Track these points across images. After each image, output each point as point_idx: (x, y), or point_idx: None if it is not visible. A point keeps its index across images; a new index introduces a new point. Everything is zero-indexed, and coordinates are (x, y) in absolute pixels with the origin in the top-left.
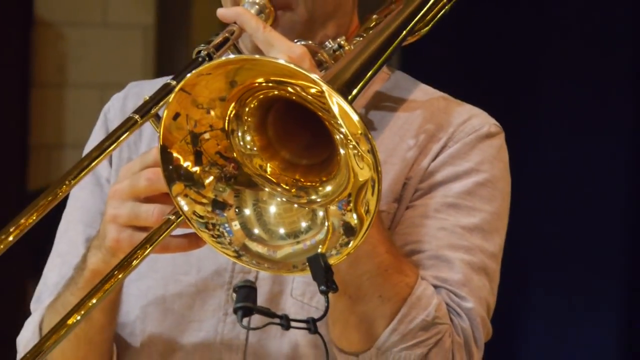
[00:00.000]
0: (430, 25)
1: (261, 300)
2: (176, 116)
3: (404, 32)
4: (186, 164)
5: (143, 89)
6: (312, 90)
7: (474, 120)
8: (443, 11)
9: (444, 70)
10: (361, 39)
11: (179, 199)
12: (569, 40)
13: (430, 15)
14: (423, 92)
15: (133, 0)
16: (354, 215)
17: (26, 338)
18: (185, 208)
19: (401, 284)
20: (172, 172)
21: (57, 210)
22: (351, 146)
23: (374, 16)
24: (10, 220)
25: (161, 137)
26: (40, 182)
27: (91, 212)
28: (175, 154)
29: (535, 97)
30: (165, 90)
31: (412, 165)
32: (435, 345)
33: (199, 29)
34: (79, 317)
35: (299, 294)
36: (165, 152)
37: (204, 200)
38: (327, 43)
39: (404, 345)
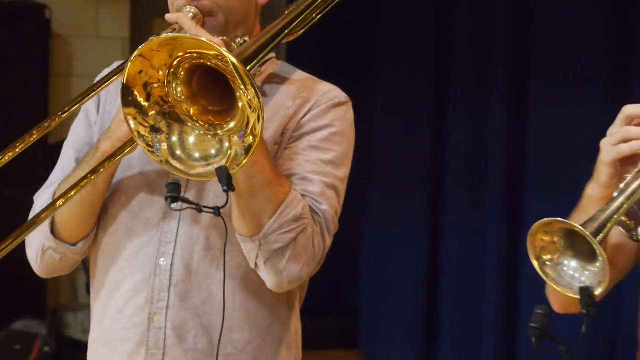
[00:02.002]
0: (304, 30)
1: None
2: (140, 72)
3: (285, 32)
4: (140, 99)
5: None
6: (223, 60)
7: (330, 93)
8: (312, 22)
9: (311, 61)
10: None
11: (129, 118)
12: (391, 40)
13: (304, 23)
14: (299, 75)
15: (115, 21)
16: (248, 142)
17: (41, 203)
18: (132, 126)
19: (280, 192)
20: (130, 101)
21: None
22: (248, 99)
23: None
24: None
25: (125, 79)
26: (56, 139)
27: (82, 143)
28: (135, 92)
29: (370, 80)
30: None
31: (289, 121)
32: (301, 232)
33: None
34: (92, 178)
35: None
36: (128, 89)
37: (146, 125)
38: (237, 40)
39: (281, 231)
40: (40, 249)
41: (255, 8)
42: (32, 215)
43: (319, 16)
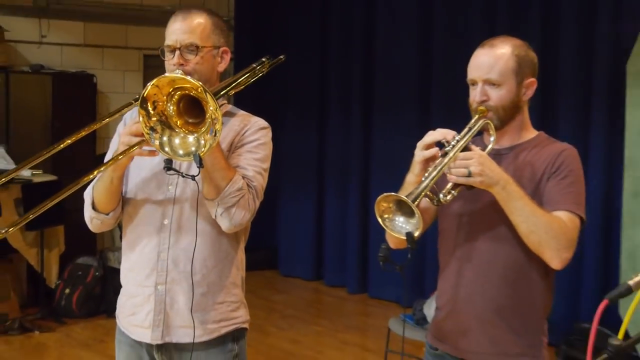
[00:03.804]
0: (244, 86)
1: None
2: (154, 94)
3: (232, 86)
4: (149, 108)
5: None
6: (199, 90)
7: (259, 122)
8: (248, 83)
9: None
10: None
11: (140, 116)
12: (293, 89)
13: (242, 83)
14: (241, 112)
15: (134, 82)
16: (214, 138)
17: (87, 191)
18: (141, 120)
19: (229, 174)
20: (144, 107)
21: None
22: (214, 116)
23: None
24: (85, 169)
25: (145, 94)
26: (100, 150)
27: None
28: (148, 103)
29: (281, 113)
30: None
31: (235, 138)
32: (242, 197)
33: None
34: (110, 163)
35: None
36: (145, 100)
37: (148, 125)
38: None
39: (230, 196)
40: (89, 217)
41: (216, 73)
42: (86, 202)
43: (252, 80)
